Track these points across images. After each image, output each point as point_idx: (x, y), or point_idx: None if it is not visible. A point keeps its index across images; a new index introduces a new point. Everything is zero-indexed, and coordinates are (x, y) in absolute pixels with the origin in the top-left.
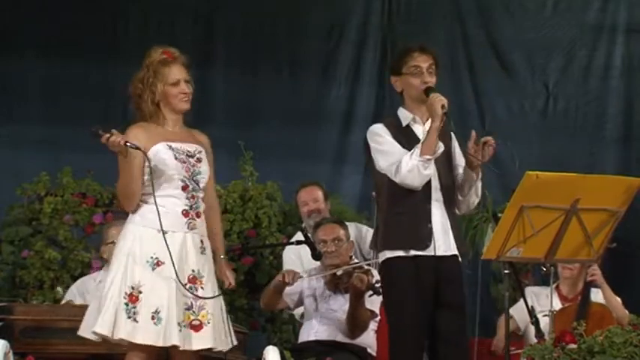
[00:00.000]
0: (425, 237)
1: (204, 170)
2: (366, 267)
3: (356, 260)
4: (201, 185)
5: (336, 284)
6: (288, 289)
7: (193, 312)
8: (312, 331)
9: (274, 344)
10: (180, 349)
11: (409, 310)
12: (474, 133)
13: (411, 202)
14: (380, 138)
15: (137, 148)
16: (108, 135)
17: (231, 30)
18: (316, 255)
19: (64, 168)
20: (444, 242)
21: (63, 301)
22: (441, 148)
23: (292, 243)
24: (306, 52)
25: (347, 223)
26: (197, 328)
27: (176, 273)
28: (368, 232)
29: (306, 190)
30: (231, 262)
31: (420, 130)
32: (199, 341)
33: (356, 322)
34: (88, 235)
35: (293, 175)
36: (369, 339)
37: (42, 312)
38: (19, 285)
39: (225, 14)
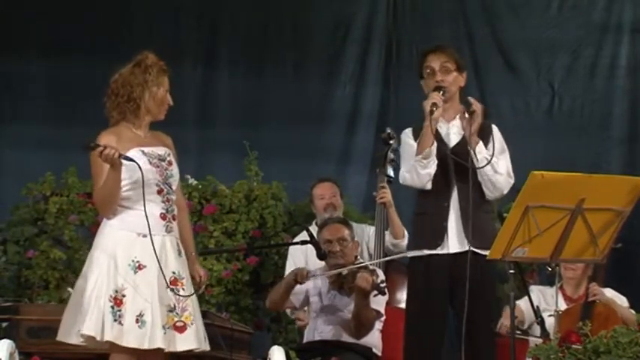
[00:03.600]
0: (437, 236)
1: (175, 173)
2: (371, 267)
3: (361, 260)
4: (173, 188)
5: (341, 284)
6: (295, 287)
7: (177, 313)
8: (317, 331)
9: (279, 344)
10: (166, 350)
11: (418, 309)
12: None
13: (429, 201)
14: (402, 141)
15: (131, 160)
16: (101, 149)
17: (236, 30)
18: (321, 255)
19: (69, 168)
20: (458, 240)
21: None
22: (449, 145)
23: (297, 243)
24: (311, 52)
25: (354, 224)
26: (181, 329)
27: (163, 275)
28: (372, 232)
29: (324, 185)
30: (237, 261)
31: (444, 129)
32: (184, 342)
33: (361, 321)
34: (93, 235)
35: (298, 175)
36: (374, 339)
37: (47, 312)
38: (24, 285)
39: (230, 14)
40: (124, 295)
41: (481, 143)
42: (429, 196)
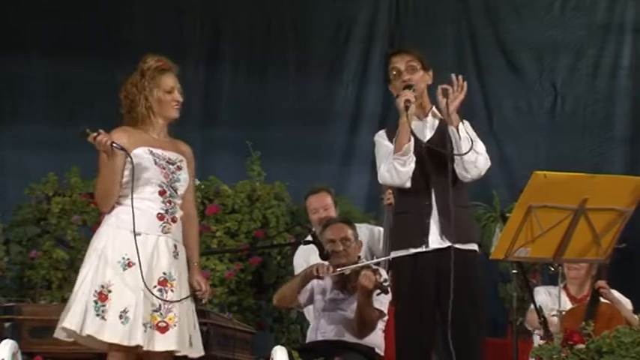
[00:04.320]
0: (422, 234)
1: (184, 178)
2: (374, 266)
3: (364, 260)
4: (179, 192)
5: (344, 284)
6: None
7: (160, 314)
8: (320, 330)
9: (282, 344)
10: (144, 349)
11: (408, 307)
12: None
13: (410, 200)
14: (377, 143)
15: (122, 149)
16: (95, 134)
17: (238, 30)
18: (324, 255)
19: (71, 168)
20: (439, 236)
21: None
22: (413, 142)
23: (300, 242)
24: (313, 52)
25: (358, 225)
26: (163, 329)
27: (142, 276)
28: (380, 233)
29: (316, 196)
30: (239, 261)
31: (418, 126)
32: (163, 343)
33: (364, 321)
34: None
35: (300, 175)
36: (377, 338)
37: (50, 312)
38: (27, 285)
39: (232, 14)
40: (109, 291)
41: (461, 124)
42: (409, 195)
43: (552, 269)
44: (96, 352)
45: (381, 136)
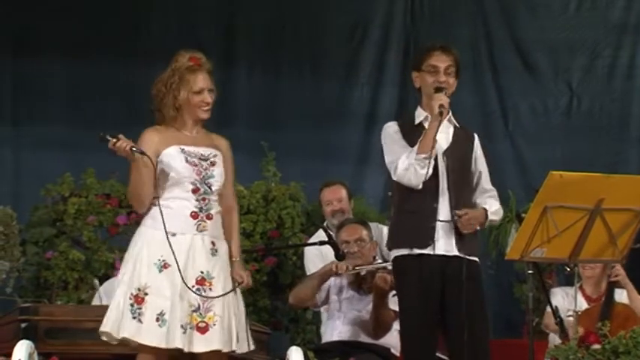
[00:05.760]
0: (427, 235)
1: (218, 173)
2: (389, 267)
3: (379, 260)
4: (214, 188)
5: (359, 284)
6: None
7: (200, 314)
8: (336, 331)
9: (297, 344)
10: (185, 351)
11: (414, 308)
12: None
13: (417, 200)
14: (388, 136)
15: (142, 153)
16: (115, 140)
17: (253, 30)
18: (339, 256)
19: (87, 169)
20: (445, 242)
21: (94, 302)
22: (441, 147)
23: (316, 243)
24: (328, 53)
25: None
26: (203, 330)
27: (182, 276)
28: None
29: (331, 189)
30: (255, 262)
31: None
32: (204, 343)
33: (379, 322)
34: (111, 235)
35: (316, 175)
36: (392, 339)
37: (66, 312)
38: (43, 286)
39: (247, 15)
40: (146, 294)
41: (487, 208)
42: (417, 195)
43: (568, 269)
44: (114, 352)
45: (392, 129)
